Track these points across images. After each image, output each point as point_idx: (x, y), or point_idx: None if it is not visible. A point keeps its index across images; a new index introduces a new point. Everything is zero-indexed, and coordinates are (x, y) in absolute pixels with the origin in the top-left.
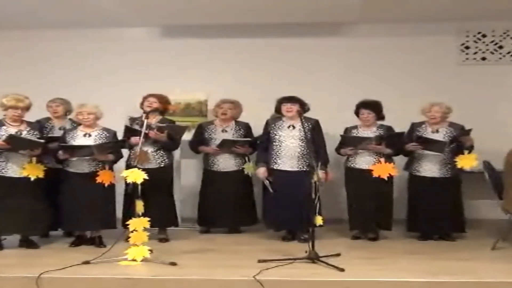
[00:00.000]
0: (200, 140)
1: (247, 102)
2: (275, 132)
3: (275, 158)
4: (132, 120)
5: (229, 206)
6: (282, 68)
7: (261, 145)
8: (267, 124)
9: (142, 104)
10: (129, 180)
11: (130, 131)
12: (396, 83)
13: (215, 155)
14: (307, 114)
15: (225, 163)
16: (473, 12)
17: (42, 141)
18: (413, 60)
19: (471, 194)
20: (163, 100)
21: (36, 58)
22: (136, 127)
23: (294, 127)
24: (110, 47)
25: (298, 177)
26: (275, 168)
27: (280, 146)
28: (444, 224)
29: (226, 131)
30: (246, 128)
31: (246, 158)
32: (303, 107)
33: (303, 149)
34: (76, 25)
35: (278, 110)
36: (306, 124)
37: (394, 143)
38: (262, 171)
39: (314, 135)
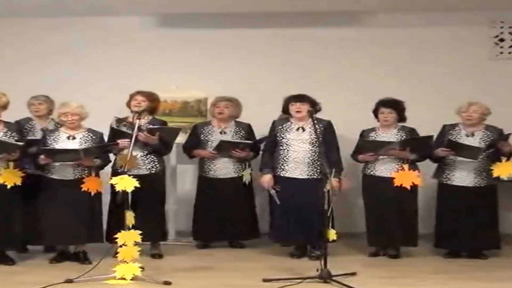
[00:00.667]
0: (194, 143)
1: (251, 101)
2: (282, 135)
3: (282, 164)
4: (119, 121)
5: (227, 218)
6: (291, 62)
7: (266, 150)
8: (274, 125)
9: (129, 102)
10: (118, 188)
11: (116, 134)
12: (420, 80)
13: (212, 159)
14: (318, 115)
15: (223, 168)
16: (508, 0)
17: (21, 143)
18: (439, 54)
19: (508, 206)
20: (153, 98)
21: (16, 50)
22: (124, 128)
23: (303, 130)
24: (99, 37)
25: (309, 186)
26: (282, 175)
27: (288, 150)
28: (476, 240)
29: (224, 132)
30: (248, 130)
31: (246, 164)
32: (314, 107)
33: (313, 154)
34: (61, 14)
35: (286, 110)
36: (317, 126)
37: (421, 148)
38: (267, 179)
39: (326, 138)
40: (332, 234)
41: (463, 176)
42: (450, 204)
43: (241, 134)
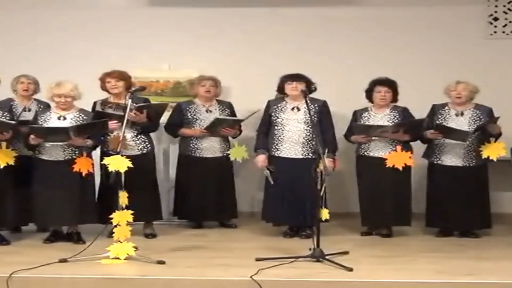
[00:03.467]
0: (179, 122)
1: (245, 81)
2: (277, 115)
3: (276, 144)
4: (104, 103)
5: (214, 197)
6: (285, 41)
7: (261, 129)
8: (268, 105)
9: (103, 86)
10: (111, 169)
11: (103, 117)
12: (414, 59)
13: (199, 138)
14: (313, 95)
15: (210, 147)
16: None
17: (13, 122)
18: (433, 33)
19: (497, 185)
20: (126, 77)
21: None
22: (110, 110)
23: (298, 109)
24: (89, 16)
25: (303, 165)
26: (276, 155)
27: (282, 130)
28: (467, 219)
29: (210, 111)
30: (230, 108)
31: (235, 143)
32: (310, 86)
33: (308, 134)
34: None
35: (281, 89)
36: (312, 105)
37: (413, 130)
38: (262, 159)
39: (321, 118)
40: (324, 214)
41: (453, 156)
42: (441, 183)
43: (226, 112)
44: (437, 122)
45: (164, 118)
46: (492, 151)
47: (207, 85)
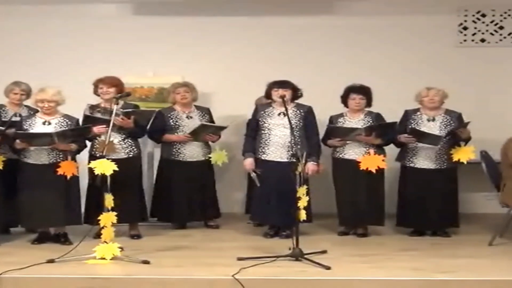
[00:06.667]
0: (161, 129)
1: (227, 88)
2: (264, 120)
3: (263, 148)
4: (93, 107)
5: (197, 199)
6: (267, 49)
7: (248, 133)
8: (256, 110)
9: (95, 91)
10: (97, 172)
11: (90, 120)
12: (389, 65)
13: (182, 143)
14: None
15: (193, 152)
16: None
17: (1, 128)
18: (408, 41)
19: (467, 187)
20: (118, 83)
21: None
22: (98, 115)
23: (285, 115)
24: (75, 25)
25: (288, 169)
26: (263, 158)
27: (269, 134)
28: (438, 219)
29: (191, 117)
30: (209, 113)
31: (216, 147)
32: (296, 93)
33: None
34: (37, 1)
35: (268, 95)
36: (298, 111)
37: (385, 133)
38: (249, 162)
39: (306, 124)
40: (302, 215)
41: (425, 159)
42: (413, 185)
43: (207, 117)
44: (410, 126)
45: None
46: (462, 155)
47: (181, 91)
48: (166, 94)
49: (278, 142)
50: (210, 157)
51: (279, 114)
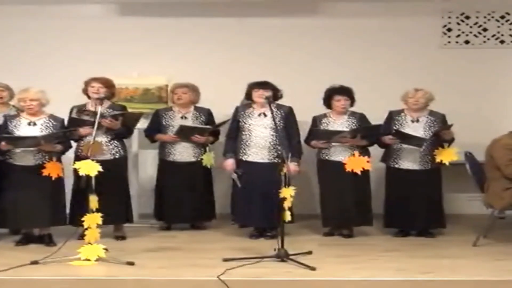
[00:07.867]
0: (156, 128)
1: (212, 88)
2: (244, 121)
3: (244, 149)
4: (80, 110)
5: (187, 200)
6: (251, 50)
7: (229, 134)
8: (237, 111)
9: (86, 90)
10: (81, 173)
11: (77, 123)
12: (374, 66)
13: (173, 143)
14: (280, 101)
15: (183, 153)
16: None
17: None
18: (392, 42)
19: (451, 187)
20: (110, 84)
21: None
22: (86, 117)
23: (265, 115)
24: (59, 25)
25: (269, 170)
26: (244, 159)
27: (250, 135)
28: (423, 219)
29: (185, 117)
30: (208, 115)
31: (207, 148)
32: (276, 93)
33: (274, 139)
34: (22, 2)
35: (249, 96)
36: (278, 111)
37: (370, 135)
38: (229, 163)
39: (287, 124)
40: (287, 216)
41: (409, 160)
42: (398, 186)
43: (201, 119)
44: (395, 128)
45: (139, 125)
46: (446, 156)
47: (179, 92)
48: (164, 93)
49: (259, 143)
50: (202, 159)
51: (259, 115)
